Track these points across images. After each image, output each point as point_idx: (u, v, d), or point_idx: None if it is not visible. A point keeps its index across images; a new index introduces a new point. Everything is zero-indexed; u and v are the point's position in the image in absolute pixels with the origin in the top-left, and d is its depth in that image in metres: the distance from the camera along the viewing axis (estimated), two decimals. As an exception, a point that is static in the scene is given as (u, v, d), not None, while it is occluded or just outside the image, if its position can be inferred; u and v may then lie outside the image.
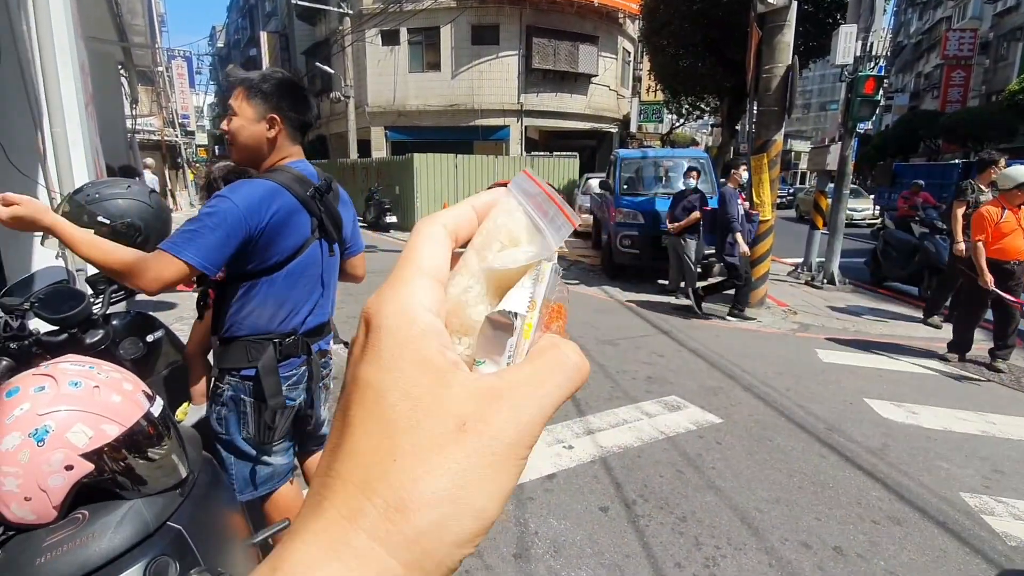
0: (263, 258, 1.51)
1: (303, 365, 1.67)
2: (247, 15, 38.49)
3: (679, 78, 13.63)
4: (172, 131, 20.05)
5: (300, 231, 1.56)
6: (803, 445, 3.16)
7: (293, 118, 1.58)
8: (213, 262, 1.38)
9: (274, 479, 1.73)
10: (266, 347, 1.57)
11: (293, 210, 1.53)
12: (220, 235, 1.38)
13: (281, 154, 1.61)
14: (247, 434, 1.63)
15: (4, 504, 0.99)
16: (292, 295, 1.60)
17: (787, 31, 5.97)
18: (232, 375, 1.60)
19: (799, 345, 5.13)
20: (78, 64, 3.39)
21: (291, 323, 1.61)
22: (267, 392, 1.56)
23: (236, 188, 1.46)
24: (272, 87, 1.54)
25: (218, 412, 1.64)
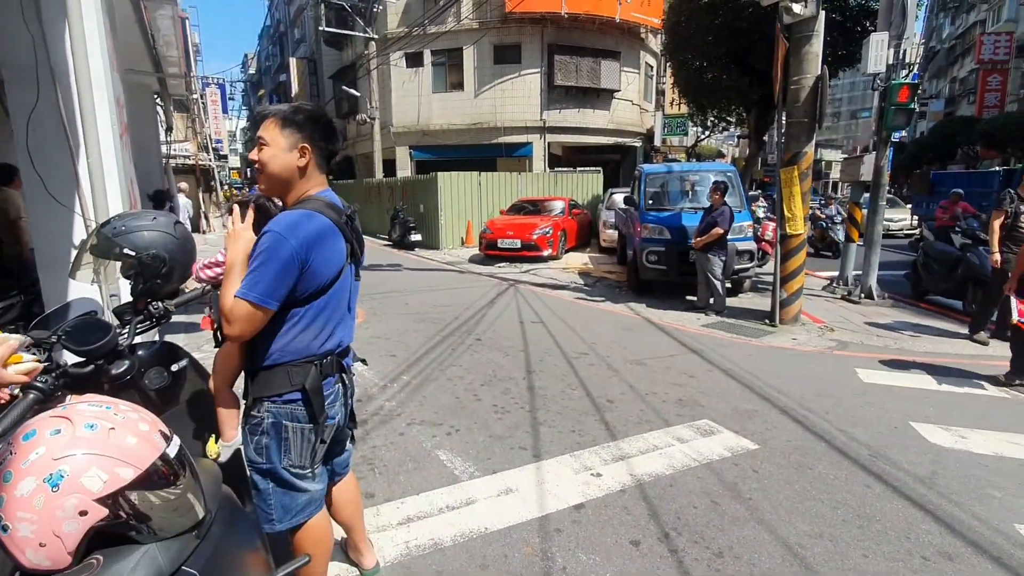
0: (311, 285, 1.56)
1: (337, 383, 1.73)
2: (277, 42, 39.93)
3: (704, 91, 13.50)
4: (206, 155, 20.76)
5: (339, 257, 1.62)
6: (846, 474, 2.99)
7: (322, 147, 1.64)
8: (277, 297, 1.50)
9: (311, 506, 1.74)
10: (309, 369, 1.62)
11: (334, 236, 1.59)
12: (280, 271, 1.47)
13: (310, 183, 1.66)
14: (288, 461, 1.65)
15: (19, 550, 0.97)
16: (332, 318, 1.66)
17: (815, 41, 5.85)
18: (273, 402, 1.62)
19: (837, 364, 4.91)
20: (113, 98, 3.51)
21: (328, 344, 1.67)
22: (317, 411, 1.63)
23: (284, 222, 1.51)
24: (304, 118, 1.60)
25: (257, 442, 1.65)
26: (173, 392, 1.96)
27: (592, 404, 3.90)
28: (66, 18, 3.17)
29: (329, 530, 1.85)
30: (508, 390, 4.18)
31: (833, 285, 8.14)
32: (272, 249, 1.46)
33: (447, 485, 2.83)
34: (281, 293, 1.50)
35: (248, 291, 1.46)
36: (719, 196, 6.49)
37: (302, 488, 1.69)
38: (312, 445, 1.67)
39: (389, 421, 3.63)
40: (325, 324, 1.64)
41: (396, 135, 19.99)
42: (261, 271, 1.46)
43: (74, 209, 3.37)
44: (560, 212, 12.62)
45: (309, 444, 1.67)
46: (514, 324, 6.23)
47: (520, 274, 9.99)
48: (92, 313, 1.82)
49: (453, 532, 2.44)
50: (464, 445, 3.29)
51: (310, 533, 1.76)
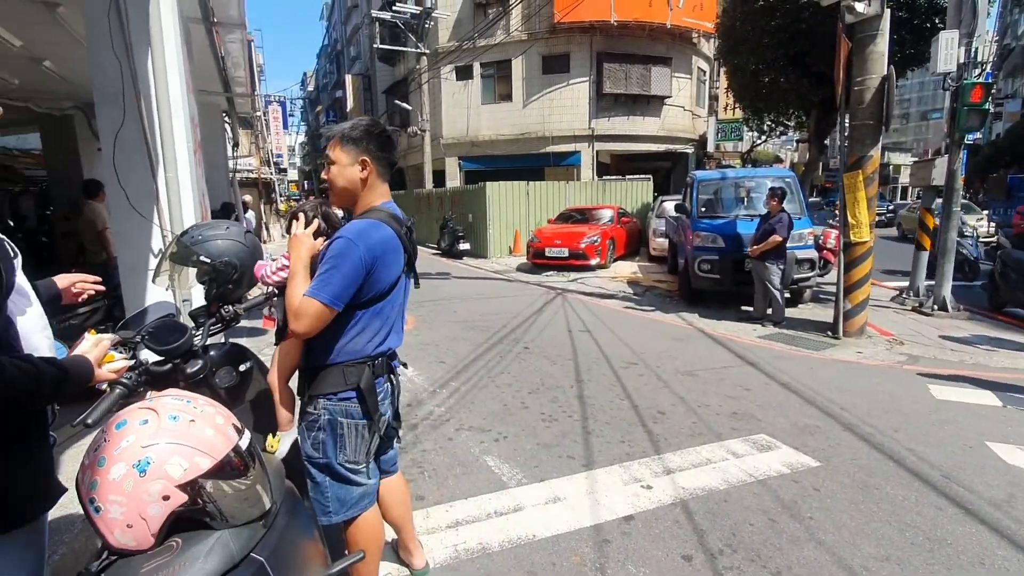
0: (372, 290, 1.66)
1: (386, 382, 1.81)
2: (334, 60, 41.76)
3: (760, 95, 13.08)
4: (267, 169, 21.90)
5: (398, 265, 1.73)
6: (916, 495, 2.80)
7: (381, 158, 1.74)
8: (342, 299, 1.59)
9: (364, 499, 1.81)
10: (363, 370, 1.71)
11: (395, 246, 1.69)
12: (348, 275, 1.57)
13: (374, 194, 1.76)
14: (344, 456, 1.74)
15: (109, 530, 1.06)
16: (386, 322, 1.76)
17: (880, 40, 5.57)
18: (328, 399, 1.71)
19: (907, 380, 4.61)
20: (189, 117, 3.78)
21: (381, 347, 1.76)
22: (371, 408, 1.72)
23: (355, 229, 1.62)
24: (360, 132, 1.71)
25: (315, 438, 1.74)
26: (240, 391, 2.08)
27: (642, 415, 3.83)
28: (149, 46, 3.45)
29: (381, 527, 1.91)
30: (556, 399, 4.17)
31: (903, 296, 7.67)
32: (343, 254, 1.57)
33: (495, 491, 2.85)
34: (347, 295, 1.59)
35: (318, 291, 1.56)
36: (777, 202, 6.26)
37: (356, 482, 1.77)
38: (366, 441, 1.75)
39: (439, 426, 3.69)
40: (380, 328, 1.74)
41: (446, 146, 20.42)
42: (332, 274, 1.57)
43: (153, 220, 3.64)
44: (608, 220, 12.50)
45: (363, 440, 1.75)
46: (562, 333, 6.21)
47: (568, 283, 9.96)
48: (170, 316, 1.96)
49: (501, 537, 2.45)
50: (512, 452, 3.30)
51: (362, 528, 1.83)
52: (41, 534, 1.20)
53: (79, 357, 1.23)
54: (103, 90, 3.50)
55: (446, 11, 19.29)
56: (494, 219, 14.00)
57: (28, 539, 1.15)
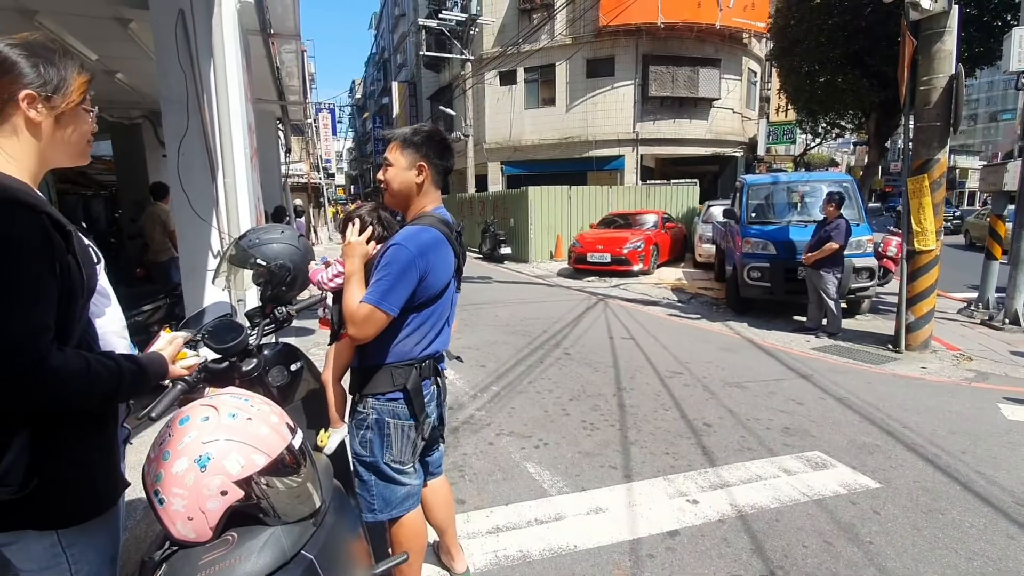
0: (424, 294, 1.69)
1: (433, 384, 1.84)
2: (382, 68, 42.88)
3: (816, 96, 12.56)
4: (316, 174, 22.66)
5: (449, 270, 1.76)
6: (985, 522, 2.60)
7: (438, 164, 1.77)
8: (398, 304, 1.63)
9: (409, 499, 1.84)
10: (410, 371, 1.74)
11: (446, 252, 1.73)
12: (403, 280, 1.61)
13: (427, 198, 1.80)
14: (390, 456, 1.77)
15: (171, 521, 1.10)
16: (435, 326, 1.79)
17: (948, 38, 5.25)
18: (377, 399, 1.75)
19: (975, 398, 4.30)
20: (246, 125, 3.95)
21: (429, 350, 1.79)
22: (417, 409, 1.75)
23: (410, 236, 1.65)
24: (421, 139, 1.75)
25: (363, 436, 1.78)
26: (291, 389, 2.14)
27: (687, 426, 3.72)
28: (212, 58, 3.62)
29: (424, 528, 1.93)
30: (597, 406, 4.11)
31: (971, 308, 7.18)
32: (398, 260, 1.61)
33: (536, 498, 2.83)
34: (403, 300, 1.63)
35: (375, 298, 1.60)
36: (834, 208, 5.98)
37: (401, 482, 1.80)
38: (412, 441, 1.78)
39: (479, 430, 3.70)
40: (429, 331, 1.77)
41: (488, 151, 20.59)
42: (388, 280, 1.60)
43: (212, 223, 3.82)
44: (652, 226, 12.29)
45: (409, 440, 1.77)
46: (603, 339, 6.13)
47: (610, 288, 9.83)
48: (227, 315, 2.04)
49: (541, 546, 2.42)
50: (553, 459, 3.27)
51: (406, 528, 1.85)
52: (115, 523, 1.25)
53: (155, 354, 1.28)
54: (169, 100, 3.69)
55: (491, 17, 19.48)
56: (536, 224, 13.99)
57: (105, 528, 1.21)
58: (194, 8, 3.56)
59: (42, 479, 1.04)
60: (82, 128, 1.16)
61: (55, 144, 1.11)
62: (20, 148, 1.07)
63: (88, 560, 1.16)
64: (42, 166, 1.13)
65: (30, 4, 4.07)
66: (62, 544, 1.11)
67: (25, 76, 1.04)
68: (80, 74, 1.13)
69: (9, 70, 1.04)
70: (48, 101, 1.07)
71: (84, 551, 1.15)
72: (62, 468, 1.07)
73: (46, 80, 1.06)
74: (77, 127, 1.14)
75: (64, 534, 1.11)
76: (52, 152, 1.12)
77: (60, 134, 1.11)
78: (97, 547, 1.18)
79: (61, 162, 1.16)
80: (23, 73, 1.04)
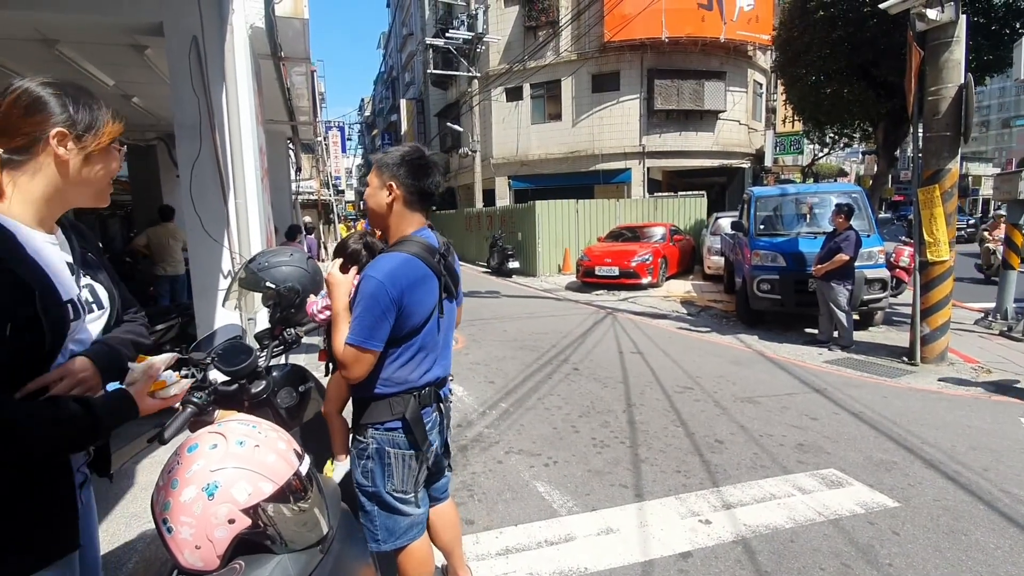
0: (405, 325, 1.66)
1: (434, 412, 1.81)
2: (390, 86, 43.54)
3: (822, 108, 12.54)
4: (326, 191, 22.94)
5: (431, 297, 1.71)
6: (1010, 543, 2.52)
7: (410, 185, 1.71)
8: (379, 339, 1.61)
9: (413, 529, 1.81)
10: (408, 400, 1.72)
11: (427, 277, 1.68)
12: (378, 313, 1.58)
13: (405, 222, 1.75)
14: (392, 486, 1.74)
15: (179, 550, 1.10)
16: (430, 353, 1.75)
17: (956, 48, 5.24)
18: (376, 429, 1.73)
19: (996, 412, 4.21)
20: (257, 147, 4.02)
21: (427, 377, 1.76)
22: (418, 439, 1.72)
23: (381, 268, 1.61)
24: (393, 158, 1.72)
25: (364, 466, 1.76)
26: (299, 410, 2.15)
27: (698, 444, 3.67)
28: (224, 83, 3.70)
29: (430, 555, 1.90)
30: (607, 423, 4.07)
31: (988, 319, 7.05)
32: (371, 295, 1.57)
33: (545, 519, 2.79)
34: (384, 334, 1.61)
35: (358, 338, 1.58)
36: (843, 219, 5.94)
37: (405, 512, 1.77)
38: (414, 471, 1.75)
39: (488, 448, 3.68)
40: (424, 359, 1.74)
41: (496, 166, 20.74)
42: (365, 316, 1.58)
43: (223, 244, 3.87)
44: (660, 238, 12.26)
45: (411, 470, 1.75)
46: (612, 354, 6.09)
47: (618, 302, 9.79)
48: (237, 337, 2.05)
49: (551, 568, 2.39)
50: (562, 478, 3.23)
51: (413, 556, 1.82)
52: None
53: (117, 392, 1.16)
54: (182, 123, 3.77)
55: (497, 35, 19.75)
56: (543, 237, 14.02)
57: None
58: (207, 35, 3.65)
59: None
60: (110, 167, 1.18)
61: (80, 183, 1.12)
62: (38, 188, 1.09)
63: None
64: (62, 206, 1.14)
65: (51, 34, 4.20)
66: None
67: (55, 115, 1.06)
68: (114, 123, 1.15)
69: (41, 109, 1.06)
70: (79, 140, 1.09)
71: None
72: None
73: (75, 120, 1.08)
74: (105, 166, 1.16)
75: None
76: (75, 191, 1.13)
77: (87, 171, 1.12)
78: None
79: (82, 202, 1.16)
80: (53, 112, 1.06)
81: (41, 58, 4.54)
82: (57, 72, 1.61)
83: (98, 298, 1.25)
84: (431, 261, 1.69)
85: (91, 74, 5.14)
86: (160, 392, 1.22)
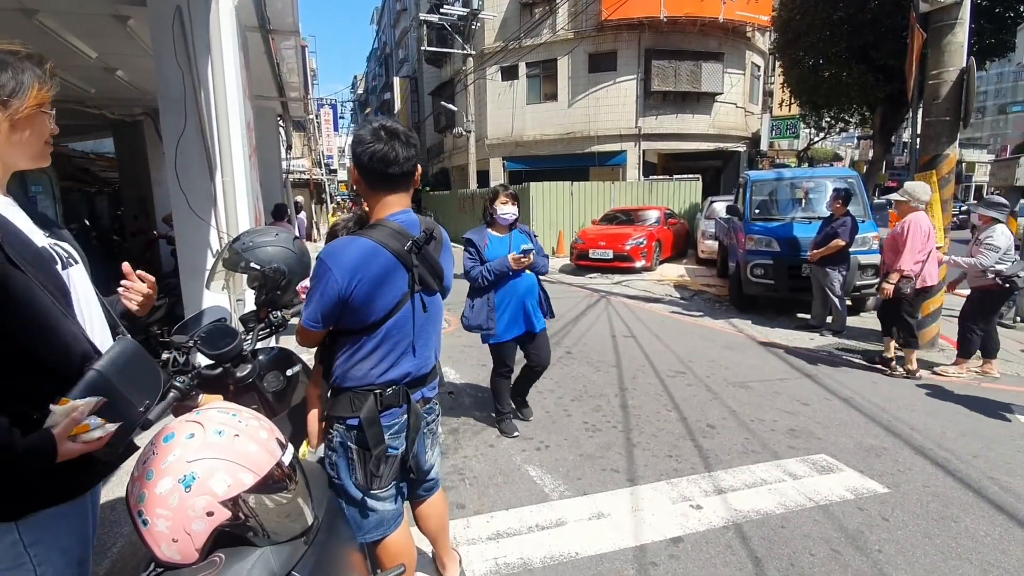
0: (362, 316, 1.59)
1: (404, 414, 1.70)
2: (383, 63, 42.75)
3: (820, 91, 12.43)
4: (318, 170, 22.60)
5: (397, 287, 1.61)
6: (1000, 531, 2.55)
7: (363, 166, 1.59)
8: (316, 320, 1.59)
9: (382, 526, 1.75)
10: (367, 398, 1.63)
11: (389, 268, 1.58)
12: (318, 296, 1.56)
13: (379, 204, 1.65)
14: (355, 480, 1.68)
15: (155, 543, 1.06)
16: (394, 349, 1.65)
17: (959, 31, 5.16)
18: (340, 423, 1.67)
19: (987, 399, 4.23)
20: (244, 122, 3.89)
21: (391, 375, 1.66)
22: (370, 442, 1.62)
23: (330, 251, 1.57)
24: (354, 138, 1.65)
25: (330, 457, 1.72)
26: (287, 395, 2.10)
27: (690, 428, 3.68)
28: (209, 55, 3.56)
29: (409, 546, 1.85)
30: (599, 407, 4.06)
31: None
32: (318, 275, 1.56)
33: (537, 503, 2.78)
34: (324, 316, 1.58)
35: (303, 315, 1.62)
36: (841, 205, 5.91)
37: (371, 507, 1.70)
38: (377, 472, 1.67)
39: (480, 432, 3.66)
40: (386, 355, 1.64)
41: (490, 146, 20.49)
42: (311, 294, 1.58)
43: (210, 223, 3.77)
44: (655, 222, 12.20)
45: (373, 469, 1.68)
46: (605, 338, 6.07)
47: (612, 285, 9.77)
48: (222, 320, 1.99)
49: (542, 553, 2.38)
50: (554, 462, 3.22)
51: (387, 550, 1.77)
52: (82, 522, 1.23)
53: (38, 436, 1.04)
54: (167, 97, 3.64)
55: (492, 12, 19.35)
56: (538, 220, 13.92)
57: (68, 527, 1.19)
58: (191, 5, 3.50)
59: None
60: (40, 131, 1.16)
61: (11, 147, 1.13)
62: None
63: (52, 561, 1.13)
64: (3, 170, 1.14)
65: (30, 3, 4.02)
66: (24, 542, 1.08)
67: None
68: (41, 89, 1.13)
69: None
70: (3, 106, 1.08)
71: (48, 552, 1.12)
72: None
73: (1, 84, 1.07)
74: (34, 130, 1.15)
75: (25, 530, 1.08)
76: (9, 155, 1.14)
77: (17, 136, 1.12)
78: (62, 548, 1.15)
79: (21, 164, 1.18)
80: None
81: (21, 28, 4.35)
82: (38, 44, 1.55)
83: (71, 252, 1.24)
84: (397, 249, 1.57)
85: (73, 46, 4.96)
86: (83, 436, 1.09)
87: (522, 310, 3.45)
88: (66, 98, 6.86)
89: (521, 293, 3.44)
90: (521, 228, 3.60)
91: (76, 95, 6.80)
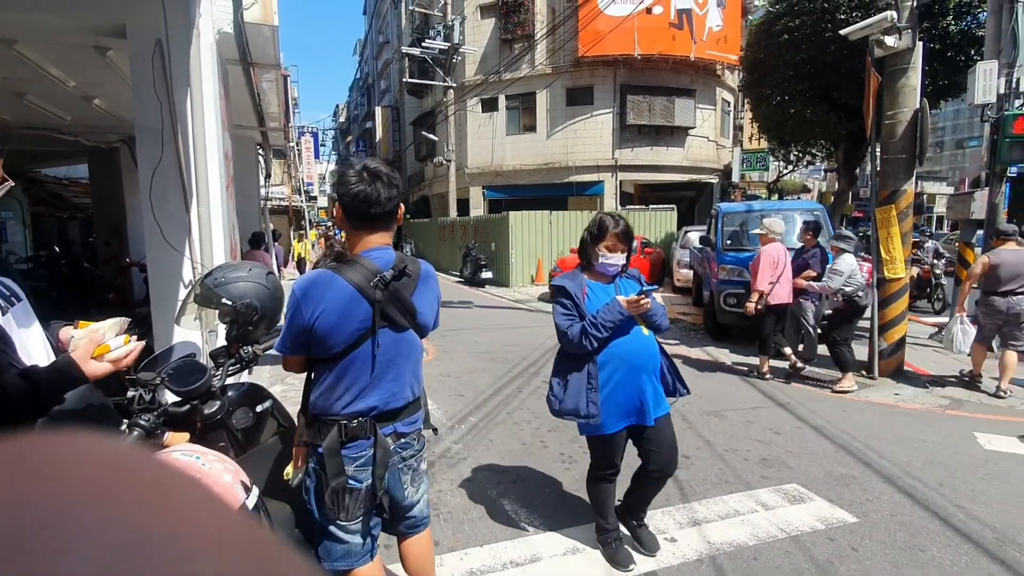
0: (327, 346, 1.64)
1: (371, 447, 1.69)
2: (365, 93, 43.24)
3: (786, 126, 12.99)
4: (298, 197, 22.54)
5: (359, 321, 1.64)
6: (967, 559, 2.60)
7: (346, 205, 1.68)
8: (285, 346, 1.69)
9: (350, 557, 1.73)
10: (331, 429, 1.65)
11: (352, 301, 1.62)
12: (287, 324, 1.67)
13: (356, 239, 1.72)
14: (324, 508, 1.69)
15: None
16: (357, 381, 1.66)
17: (912, 74, 5.48)
18: (313, 450, 1.71)
19: (951, 426, 4.36)
20: (222, 153, 3.91)
21: (356, 406, 1.67)
22: (329, 472, 1.63)
23: (301, 282, 1.67)
24: (340, 176, 1.74)
25: (304, 481, 1.74)
26: (256, 431, 2.07)
27: (666, 458, 3.69)
28: (188, 87, 3.59)
29: None
30: (575, 438, 4.04)
31: (942, 333, 7.33)
32: (288, 304, 1.68)
33: (512, 539, 2.75)
34: (292, 344, 1.68)
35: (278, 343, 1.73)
36: (811, 236, 6.11)
37: (338, 537, 1.70)
38: (345, 503, 1.67)
39: (456, 464, 3.62)
40: (349, 386, 1.65)
41: (470, 176, 20.74)
42: (285, 323, 1.68)
43: (184, 254, 3.73)
44: (632, 251, 12.38)
45: (340, 500, 1.68)
46: (584, 367, 6.09)
47: (590, 314, 9.84)
48: (192, 355, 1.97)
49: (517, 591, 2.35)
50: (530, 496, 3.20)
51: None
52: None
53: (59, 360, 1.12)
54: (144, 128, 3.64)
55: (473, 46, 19.84)
56: (517, 248, 14.05)
57: None
58: (171, 39, 3.54)
59: None
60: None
61: None
62: None
63: None
64: None
65: (9, 34, 4.02)
66: None
67: None
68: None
69: None
70: None
71: None
72: None
73: None
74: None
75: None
76: None
77: None
78: None
79: None
80: None
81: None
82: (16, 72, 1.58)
83: (13, 290, 1.23)
84: (361, 284, 1.61)
85: (51, 75, 4.94)
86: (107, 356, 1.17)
87: (637, 387, 2.42)
88: (41, 125, 6.78)
89: (635, 360, 2.41)
90: (630, 273, 2.74)
91: (52, 122, 6.74)
